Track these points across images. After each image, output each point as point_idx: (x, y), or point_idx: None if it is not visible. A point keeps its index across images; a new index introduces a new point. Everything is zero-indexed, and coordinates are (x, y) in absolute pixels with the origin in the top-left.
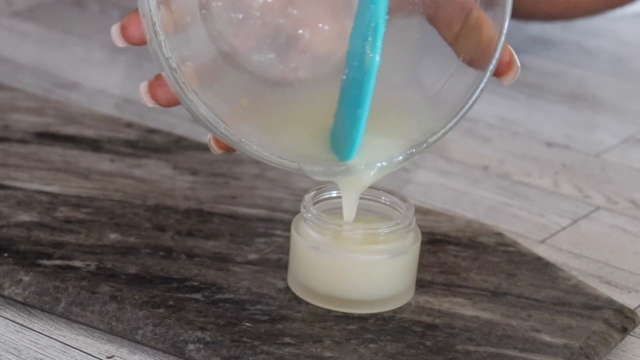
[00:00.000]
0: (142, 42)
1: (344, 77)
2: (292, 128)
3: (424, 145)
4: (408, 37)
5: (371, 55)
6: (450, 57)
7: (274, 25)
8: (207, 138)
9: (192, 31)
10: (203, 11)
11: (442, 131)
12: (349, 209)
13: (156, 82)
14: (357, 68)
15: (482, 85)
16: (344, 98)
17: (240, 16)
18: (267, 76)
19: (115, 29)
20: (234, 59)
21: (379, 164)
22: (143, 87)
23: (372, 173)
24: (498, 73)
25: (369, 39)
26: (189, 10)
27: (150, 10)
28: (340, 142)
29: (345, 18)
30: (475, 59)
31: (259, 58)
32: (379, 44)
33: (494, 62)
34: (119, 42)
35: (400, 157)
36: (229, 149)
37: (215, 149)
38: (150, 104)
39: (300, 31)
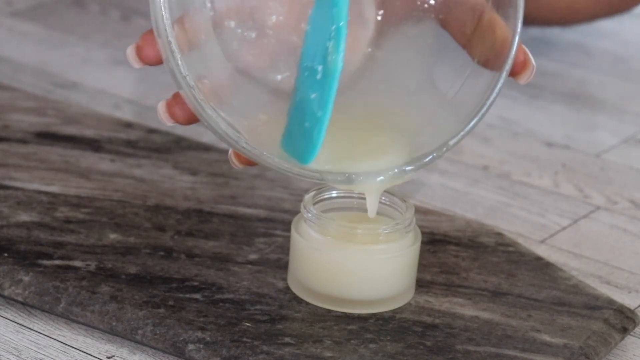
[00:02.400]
0: (158, 62)
1: (299, 78)
2: None
3: (444, 148)
4: (421, 43)
5: (334, 57)
6: (465, 60)
7: (287, 43)
8: (227, 153)
9: (207, 49)
10: (217, 30)
11: (462, 134)
12: (371, 207)
13: (174, 101)
14: (317, 70)
15: (499, 86)
16: (303, 99)
17: (254, 35)
18: (284, 89)
19: (130, 51)
20: (250, 75)
21: (403, 169)
22: (161, 106)
23: (393, 178)
24: (514, 73)
25: (332, 41)
26: (202, 29)
27: (166, 30)
28: (297, 143)
29: (356, 31)
30: (490, 60)
31: (275, 76)
32: (342, 46)
33: (509, 62)
34: (135, 64)
35: (422, 162)
36: (249, 164)
37: (236, 164)
38: (169, 123)
39: None
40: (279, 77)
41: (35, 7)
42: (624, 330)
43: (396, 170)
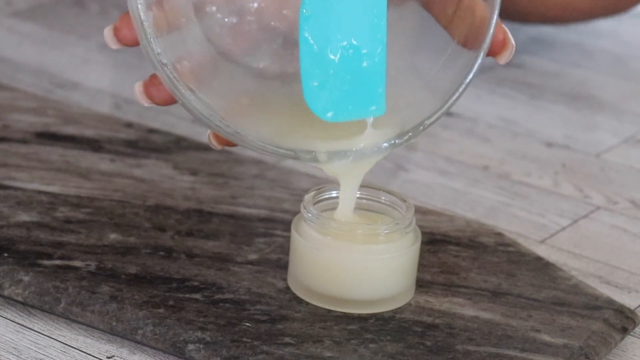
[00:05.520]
0: (135, 43)
1: None
2: (289, 118)
3: (421, 127)
4: (404, 25)
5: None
6: (446, 41)
7: (269, 29)
8: (206, 136)
9: (188, 31)
10: (198, 13)
11: (439, 113)
12: (348, 201)
13: (150, 82)
14: None
15: (476, 65)
16: None
17: (235, 20)
18: (264, 75)
19: (107, 31)
20: (230, 58)
21: (376, 147)
22: (138, 87)
23: (367, 157)
24: (493, 52)
25: None
26: (183, 12)
27: (138, 7)
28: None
29: None
30: (470, 40)
31: (256, 62)
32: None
33: (487, 40)
34: (112, 44)
35: (396, 141)
36: (229, 144)
37: (215, 145)
38: (146, 103)
39: (295, 34)
40: (261, 64)
41: (35, 7)
42: (624, 330)
43: (370, 149)
